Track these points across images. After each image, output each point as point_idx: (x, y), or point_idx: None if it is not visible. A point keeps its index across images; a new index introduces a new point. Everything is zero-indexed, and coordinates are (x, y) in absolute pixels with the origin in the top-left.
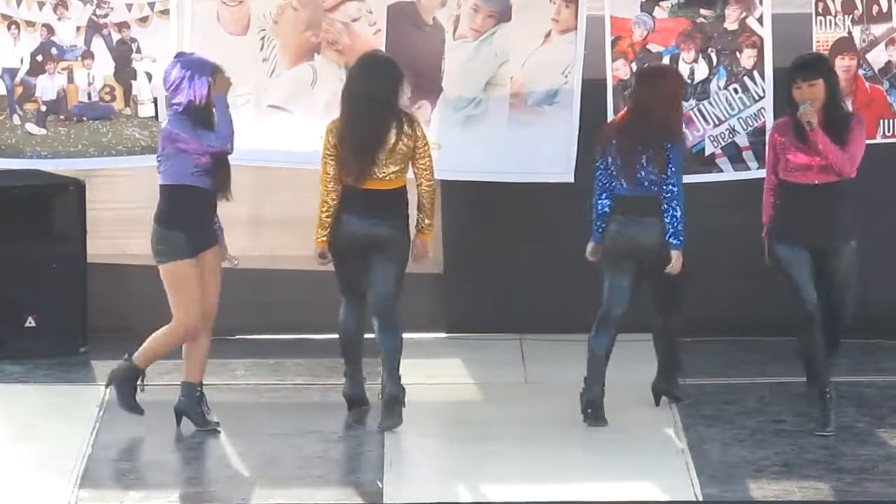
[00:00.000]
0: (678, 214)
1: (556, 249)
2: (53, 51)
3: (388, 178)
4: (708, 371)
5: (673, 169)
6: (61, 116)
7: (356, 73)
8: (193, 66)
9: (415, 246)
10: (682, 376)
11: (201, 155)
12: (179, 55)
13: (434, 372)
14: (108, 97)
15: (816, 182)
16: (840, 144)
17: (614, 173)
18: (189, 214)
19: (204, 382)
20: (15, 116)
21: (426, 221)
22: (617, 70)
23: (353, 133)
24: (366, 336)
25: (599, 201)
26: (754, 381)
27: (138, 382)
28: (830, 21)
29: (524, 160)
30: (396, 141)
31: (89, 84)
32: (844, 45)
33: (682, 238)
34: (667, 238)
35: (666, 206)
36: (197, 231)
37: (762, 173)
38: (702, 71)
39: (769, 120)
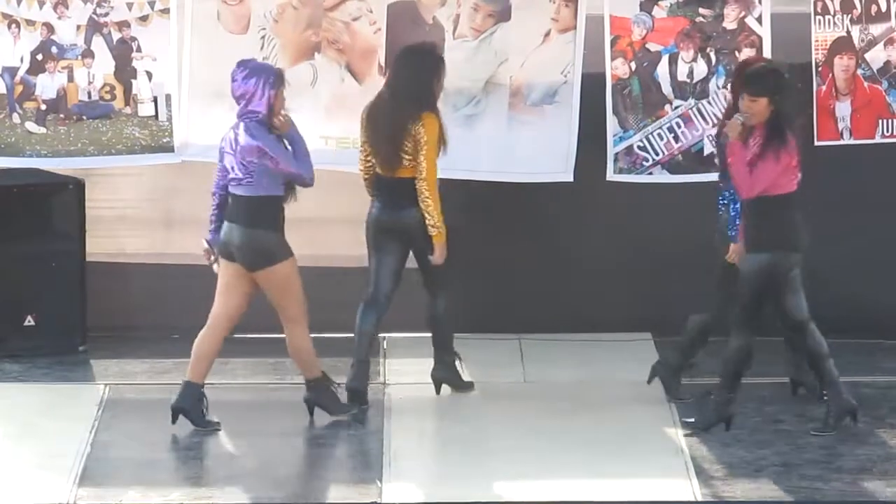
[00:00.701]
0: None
1: (556, 249)
2: (53, 49)
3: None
4: (709, 370)
5: None
6: (61, 115)
7: (393, 62)
8: (265, 72)
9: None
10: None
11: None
12: (244, 62)
13: (427, 370)
14: (108, 96)
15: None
16: (768, 163)
17: None
18: (280, 218)
19: (206, 382)
20: (15, 115)
21: (429, 222)
22: (616, 69)
23: (373, 121)
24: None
25: None
26: (754, 381)
27: (333, 387)
28: (829, 20)
29: (524, 159)
30: (412, 132)
31: (89, 83)
32: (843, 45)
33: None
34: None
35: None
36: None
37: None
38: (701, 70)
39: None
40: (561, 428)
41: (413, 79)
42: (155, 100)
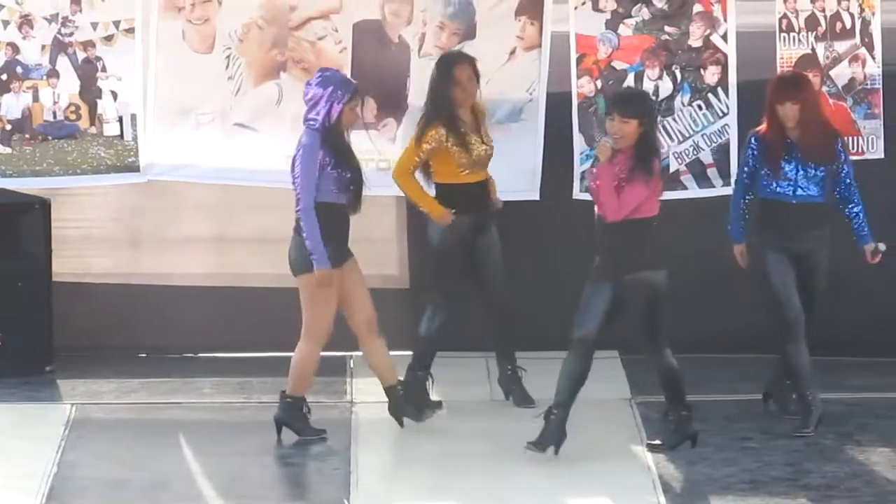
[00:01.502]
0: None
1: (522, 268)
2: (18, 69)
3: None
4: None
5: None
6: (26, 135)
7: None
8: (336, 84)
9: None
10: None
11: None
12: (325, 69)
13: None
14: (73, 116)
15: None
16: (636, 187)
17: None
18: (330, 229)
19: (173, 402)
20: None
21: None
22: (582, 87)
23: None
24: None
25: None
26: (721, 398)
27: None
28: (794, 38)
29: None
30: None
31: (54, 103)
32: (808, 62)
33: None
34: None
35: None
36: (337, 243)
37: (727, 190)
38: (666, 88)
39: (733, 136)
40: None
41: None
42: (120, 119)
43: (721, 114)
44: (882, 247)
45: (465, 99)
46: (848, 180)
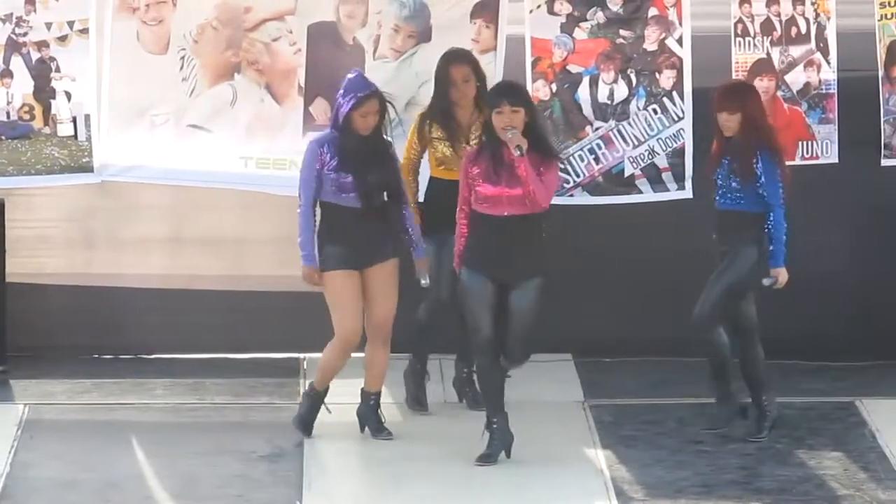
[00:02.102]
0: None
1: None
2: None
3: None
4: (631, 392)
5: None
6: None
7: None
8: (347, 88)
9: None
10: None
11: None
12: (356, 71)
13: (354, 391)
14: (27, 116)
15: (507, 214)
16: (553, 170)
17: None
18: (327, 228)
19: (126, 402)
20: None
21: None
22: (537, 91)
23: None
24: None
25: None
26: (675, 401)
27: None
28: (749, 42)
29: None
30: None
31: (8, 103)
32: (763, 67)
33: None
34: None
35: None
36: (348, 245)
37: (682, 194)
38: (621, 91)
39: (688, 141)
40: (480, 448)
41: None
42: (74, 120)
43: (676, 118)
44: (766, 282)
45: (460, 98)
46: (764, 193)
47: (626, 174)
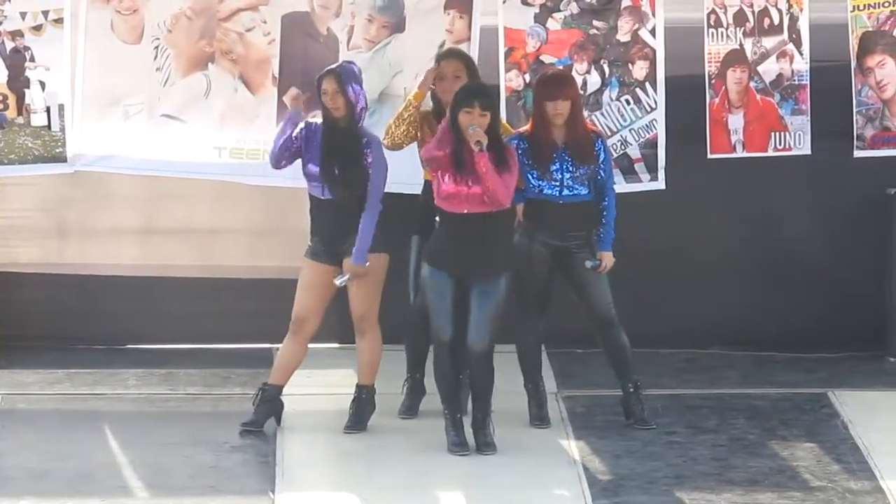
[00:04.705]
0: None
1: None
2: None
3: None
4: (602, 383)
5: None
6: None
7: None
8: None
9: None
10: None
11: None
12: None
13: (326, 381)
14: (0, 105)
15: (466, 211)
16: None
17: None
18: (313, 220)
19: (98, 393)
20: None
21: None
22: (510, 81)
23: None
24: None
25: None
26: (647, 392)
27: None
28: (722, 33)
29: (416, 170)
30: None
31: None
32: (736, 58)
33: None
34: None
35: None
36: (321, 237)
37: (655, 185)
38: (594, 82)
39: (661, 131)
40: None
41: None
42: (48, 109)
43: (649, 108)
44: (588, 264)
45: (446, 93)
46: (602, 177)
47: None
